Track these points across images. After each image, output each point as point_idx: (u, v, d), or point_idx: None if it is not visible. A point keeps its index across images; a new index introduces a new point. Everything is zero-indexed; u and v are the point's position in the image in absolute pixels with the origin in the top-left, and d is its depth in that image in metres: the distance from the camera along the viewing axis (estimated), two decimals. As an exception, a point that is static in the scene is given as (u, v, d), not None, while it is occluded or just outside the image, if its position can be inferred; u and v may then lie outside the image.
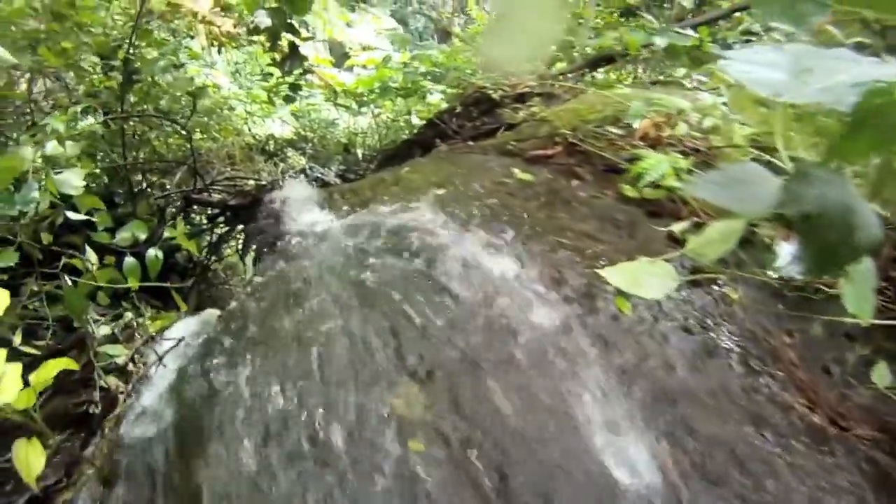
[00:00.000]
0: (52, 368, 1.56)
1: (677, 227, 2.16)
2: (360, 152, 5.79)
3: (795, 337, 1.93)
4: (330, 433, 1.48)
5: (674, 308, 1.88)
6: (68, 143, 2.16)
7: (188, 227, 4.39)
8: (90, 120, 3.51)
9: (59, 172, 2.23)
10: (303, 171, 3.84)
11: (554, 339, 1.70)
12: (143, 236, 2.55)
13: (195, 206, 4.16)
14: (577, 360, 1.66)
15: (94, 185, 3.44)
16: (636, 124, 2.63)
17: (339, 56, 8.31)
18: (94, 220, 2.37)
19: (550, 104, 3.61)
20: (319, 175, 3.74)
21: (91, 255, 2.15)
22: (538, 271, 1.93)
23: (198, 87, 3.18)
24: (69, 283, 1.92)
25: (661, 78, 4.12)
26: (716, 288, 2.01)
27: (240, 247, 4.28)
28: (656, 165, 2.29)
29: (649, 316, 1.85)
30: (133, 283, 2.18)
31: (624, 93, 2.91)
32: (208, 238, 4.37)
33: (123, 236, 2.52)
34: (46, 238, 2.06)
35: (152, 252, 2.49)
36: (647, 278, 1.81)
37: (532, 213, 2.25)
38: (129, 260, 2.47)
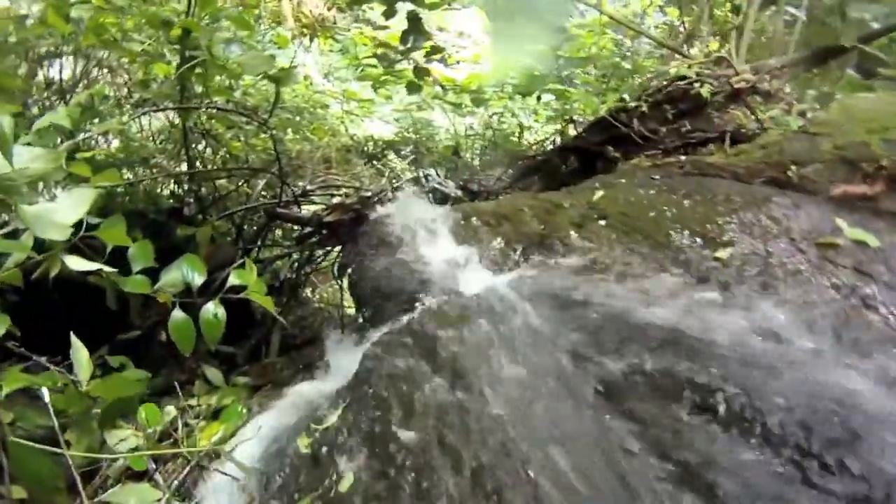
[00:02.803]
0: None
1: None
2: (468, 156, 4.96)
3: None
4: None
5: None
6: (23, 151, 1.22)
7: (273, 246, 3.61)
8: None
9: (67, 189, 1.41)
10: (415, 179, 2.91)
11: None
12: (199, 280, 1.71)
13: (281, 223, 3.34)
14: None
15: (150, 196, 2.69)
16: None
17: (435, 55, 7.59)
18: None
19: (769, 104, 2.57)
20: (437, 186, 2.81)
21: (80, 359, 1.28)
22: None
23: (281, 69, 2.33)
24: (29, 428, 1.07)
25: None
26: None
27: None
28: None
29: None
30: (152, 418, 1.32)
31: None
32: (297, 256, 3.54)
33: (169, 279, 1.69)
34: (2, 322, 1.21)
35: (211, 309, 1.65)
36: None
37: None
38: (177, 317, 1.65)
